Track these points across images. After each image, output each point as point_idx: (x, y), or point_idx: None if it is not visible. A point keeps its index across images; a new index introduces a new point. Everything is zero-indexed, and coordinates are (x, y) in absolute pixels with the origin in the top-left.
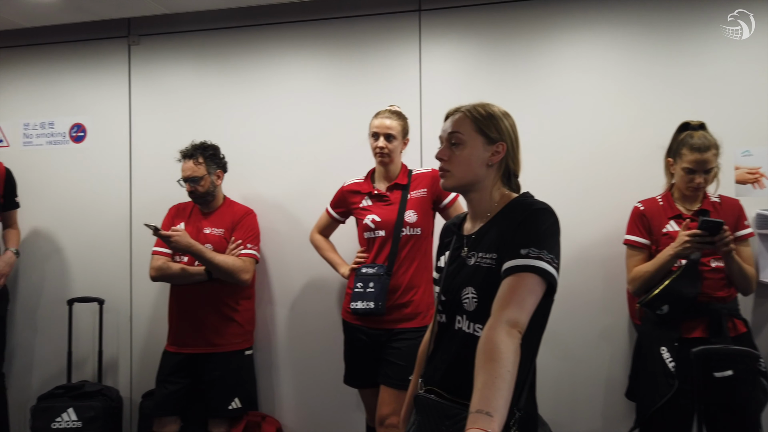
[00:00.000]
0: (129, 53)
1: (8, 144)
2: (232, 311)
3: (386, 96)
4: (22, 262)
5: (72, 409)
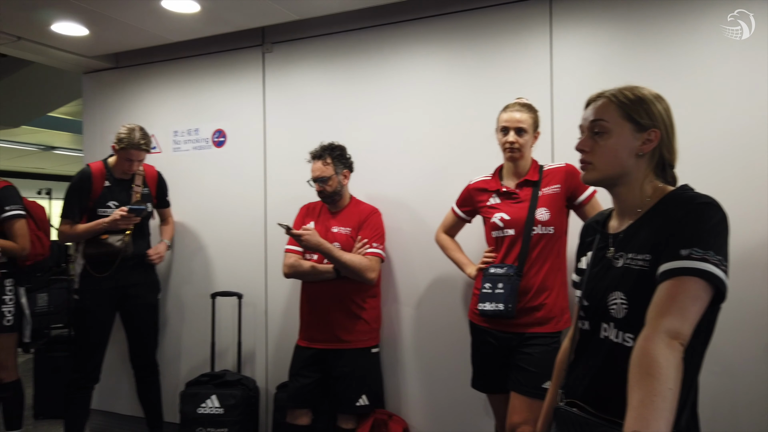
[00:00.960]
0: (263, 61)
1: (161, 150)
2: (359, 309)
3: (513, 89)
4: (173, 257)
5: (215, 396)
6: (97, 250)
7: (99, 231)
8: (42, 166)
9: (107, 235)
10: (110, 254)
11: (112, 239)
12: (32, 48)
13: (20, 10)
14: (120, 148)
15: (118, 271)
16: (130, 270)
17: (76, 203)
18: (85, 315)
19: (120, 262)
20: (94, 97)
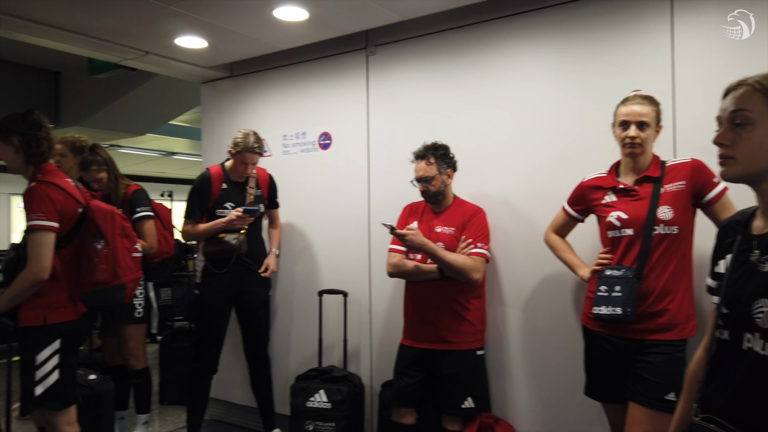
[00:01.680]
0: (367, 63)
1: (271, 153)
2: (463, 310)
3: (629, 80)
4: (284, 255)
5: (323, 390)
6: (215, 248)
7: (217, 230)
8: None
9: (224, 234)
10: (227, 252)
11: (229, 237)
12: (158, 61)
13: (147, 26)
14: (236, 152)
15: (234, 268)
16: (245, 268)
17: (197, 204)
18: (205, 309)
19: (235, 260)
20: (211, 105)
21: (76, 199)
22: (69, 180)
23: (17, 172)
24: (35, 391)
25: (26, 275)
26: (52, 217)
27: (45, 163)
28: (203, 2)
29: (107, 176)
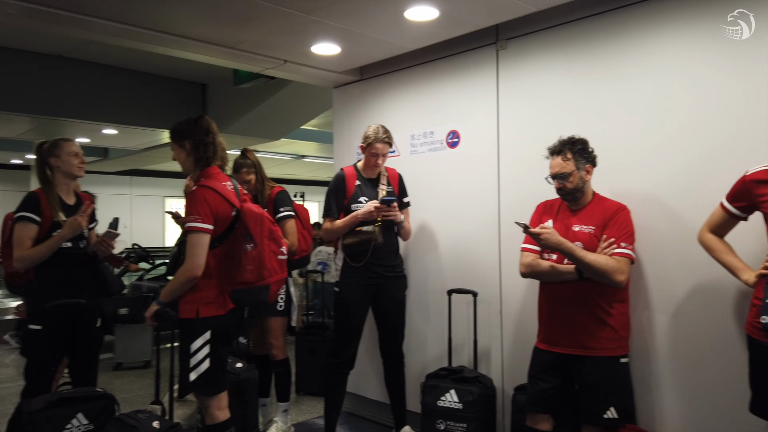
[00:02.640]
0: (497, 59)
1: (399, 154)
2: (604, 314)
3: None
4: (413, 253)
5: (454, 390)
6: (352, 239)
7: (355, 224)
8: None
9: (361, 227)
10: (363, 243)
11: (365, 228)
12: (295, 69)
13: (287, 36)
14: (366, 145)
15: (371, 267)
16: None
17: (334, 202)
18: (344, 306)
19: (372, 252)
20: (342, 108)
21: (231, 202)
22: (227, 183)
23: (188, 172)
24: (190, 376)
25: (183, 271)
26: (208, 219)
27: (209, 167)
28: (338, 9)
29: (255, 178)
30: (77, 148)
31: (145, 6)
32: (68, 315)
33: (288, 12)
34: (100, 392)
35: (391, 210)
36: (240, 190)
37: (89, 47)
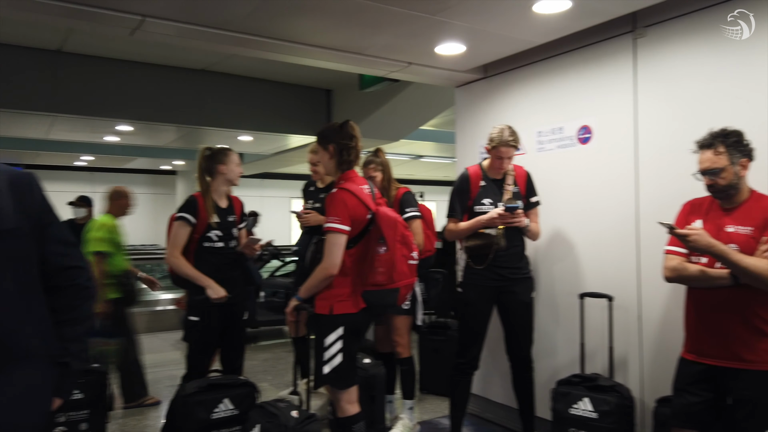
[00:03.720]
0: (634, 48)
1: (525, 152)
2: (764, 324)
3: None
4: (542, 255)
5: (588, 399)
6: (474, 242)
7: (477, 228)
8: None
9: (483, 229)
10: (486, 246)
11: (488, 230)
12: (418, 71)
13: (412, 38)
14: (492, 147)
15: (494, 267)
16: (505, 267)
17: (457, 203)
18: (467, 307)
19: (494, 254)
20: (465, 108)
21: (367, 205)
22: (365, 187)
23: (330, 175)
24: (323, 369)
25: (320, 269)
26: (345, 221)
27: (349, 170)
28: (464, 8)
29: (381, 177)
30: (239, 159)
31: (279, 19)
32: (221, 308)
33: (414, 15)
34: (243, 380)
35: (515, 217)
36: (376, 194)
37: (229, 61)
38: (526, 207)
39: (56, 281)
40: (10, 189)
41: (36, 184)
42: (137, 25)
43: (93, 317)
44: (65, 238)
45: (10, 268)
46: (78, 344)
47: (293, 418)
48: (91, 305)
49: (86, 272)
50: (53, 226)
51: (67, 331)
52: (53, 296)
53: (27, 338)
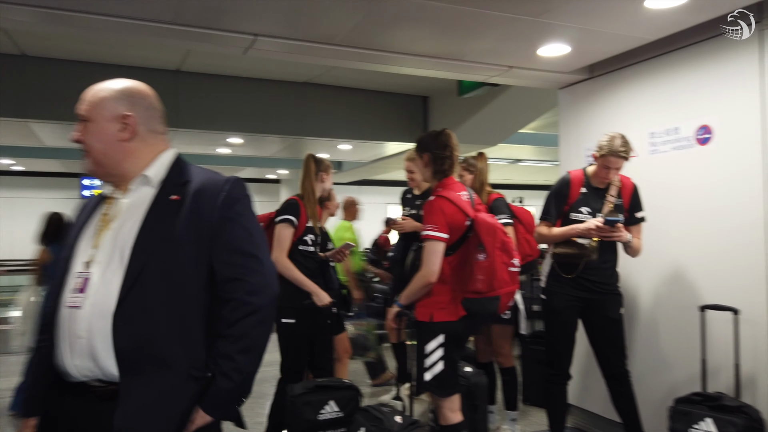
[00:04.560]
0: (761, 40)
1: (637, 154)
2: None
3: None
4: (654, 263)
5: (710, 419)
6: (565, 250)
7: (571, 236)
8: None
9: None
10: (577, 256)
11: (581, 240)
12: (519, 74)
13: (513, 42)
14: (600, 156)
15: (581, 279)
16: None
17: (553, 206)
18: (553, 315)
19: (584, 266)
20: (569, 110)
21: (465, 212)
22: (462, 194)
23: (427, 182)
24: (425, 376)
25: (419, 276)
26: (443, 229)
27: (446, 178)
28: (570, 8)
29: (472, 179)
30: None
31: (381, 31)
32: (313, 312)
33: (515, 18)
34: (348, 383)
35: (614, 231)
36: (475, 200)
37: (330, 73)
38: (630, 222)
39: (220, 293)
40: (194, 196)
41: (227, 189)
42: (250, 44)
43: (256, 336)
44: (238, 246)
45: (164, 278)
46: (229, 362)
47: (397, 423)
48: (253, 323)
49: (249, 285)
50: (227, 234)
51: (220, 345)
52: (221, 308)
53: (167, 347)
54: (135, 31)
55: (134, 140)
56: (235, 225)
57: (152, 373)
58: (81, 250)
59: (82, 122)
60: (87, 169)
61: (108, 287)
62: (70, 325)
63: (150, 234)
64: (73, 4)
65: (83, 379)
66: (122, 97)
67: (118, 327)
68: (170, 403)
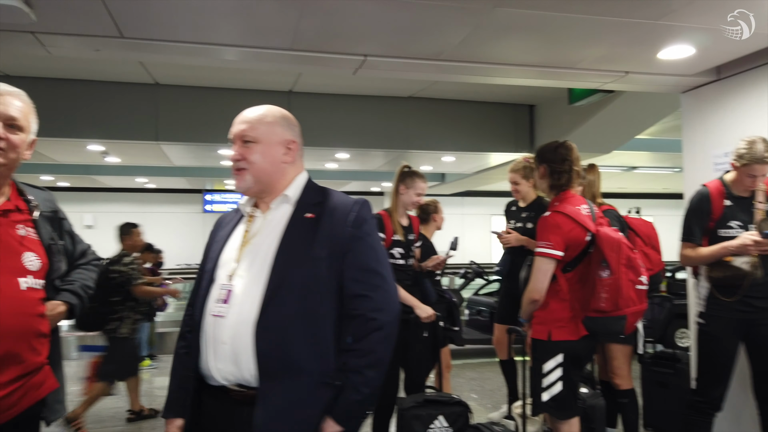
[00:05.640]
0: None
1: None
2: None
3: None
4: None
5: None
6: (721, 273)
7: (725, 255)
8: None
9: (732, 257)
10: (736, 278)
11: (738, 261)
12: (636, 79)
13: (629, 47)
14: (741, 165)
15: (746, 296)
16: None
17: (695, 225)
18: (710, 341)
19: (749, 286)
20: (694, 115)
21: (585, 227)
22: (582, 207)
23: (545, 193)
24: (542, 397)
25: (526, 292)
26: (557, 246)
27: (564, 192)
28: (693, 9)
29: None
30: (423, 188)
31: (489, 43)
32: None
33: (633, 22)
34: (457, 399)
35: None
36: (597, 214)
37: (434, 86)
38: None
39: (347, 308)
40: (327, 215)
41: (357, 210)
42: (360, 64)
43: (381, 351)
44: (365, 264)
45: (301, 291)
46: (358, 376)
47: None
48: (379, 338)
49: (374, 302)
50: (355, 252)
51: (349, 360)
52: (349, 323)
53: (301, 357)
54: (256, 58)
55: (290, 163)
56: (363, 244)
57: (289, 379)
58: (223, 263)
59: (246, 143)
60: (242, 186)
61: (250, 298)
62: (215, 332)
63: (288, 250)
64: (205, 37)
65: (224, 382)
66: (287, 124)
67: (259, 335)
68: (305, 408)
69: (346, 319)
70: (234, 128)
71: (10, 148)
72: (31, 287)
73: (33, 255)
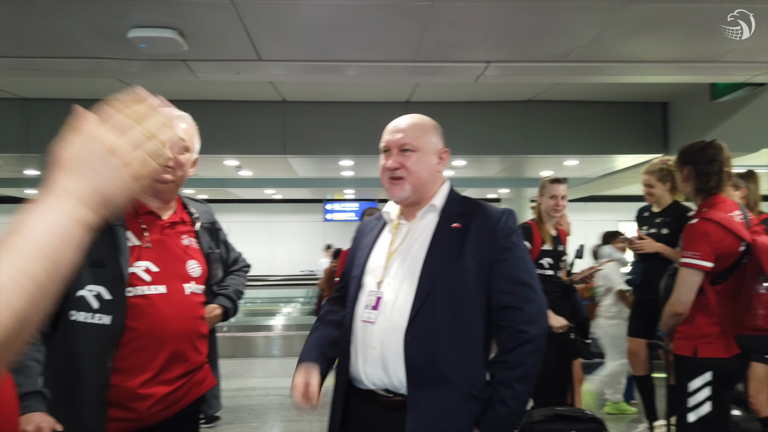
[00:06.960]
0: None
1: None
2: None
3: None
4: None
5: None
6: None
7: None
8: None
9: None
10: None
11: None
12: None
13: None
14: None
15: None
16: None
17: None
18: None
19: None
20: None
21: (739, 235)
22: (735, 213)
23: (689, 198)
24: (688, 417)
25: (668, 305)
26: (706, 257)
27: (713, 196)
28: None
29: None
30: (558, 191)
31: (622, 41)
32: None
33: None
34: (590, 414)
35: None
36: (751, 221)
37: (555, 89)
38: None
39: (495, 319)
40: (474, 225)
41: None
42: (481, 71)
43: (530, 364)
44: (515, 276)
45: (449, 301)
46: (507, 389)
47: None
48: (529, 351)
49: (525, 314)
50: (506, 262)
51: (498, 372)
52: (497, 334)
53: (451, 365)
54: (379, 72)
55: (441, 172)
56: (512, 255)
57: (437, 388)
58: (371, 270)
59: (404, 151)
60: (400, 195)
61: (399, 306)
62: (364, 337)
63: (436, 258)
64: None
65: (372, 387)
66: (439, 133)
67: (408, 342)
68: (454, 418)
69: (491, 331)
70: (389, 137)
71: (178, 167)
72: (194, 292)
73: (195, 263)
